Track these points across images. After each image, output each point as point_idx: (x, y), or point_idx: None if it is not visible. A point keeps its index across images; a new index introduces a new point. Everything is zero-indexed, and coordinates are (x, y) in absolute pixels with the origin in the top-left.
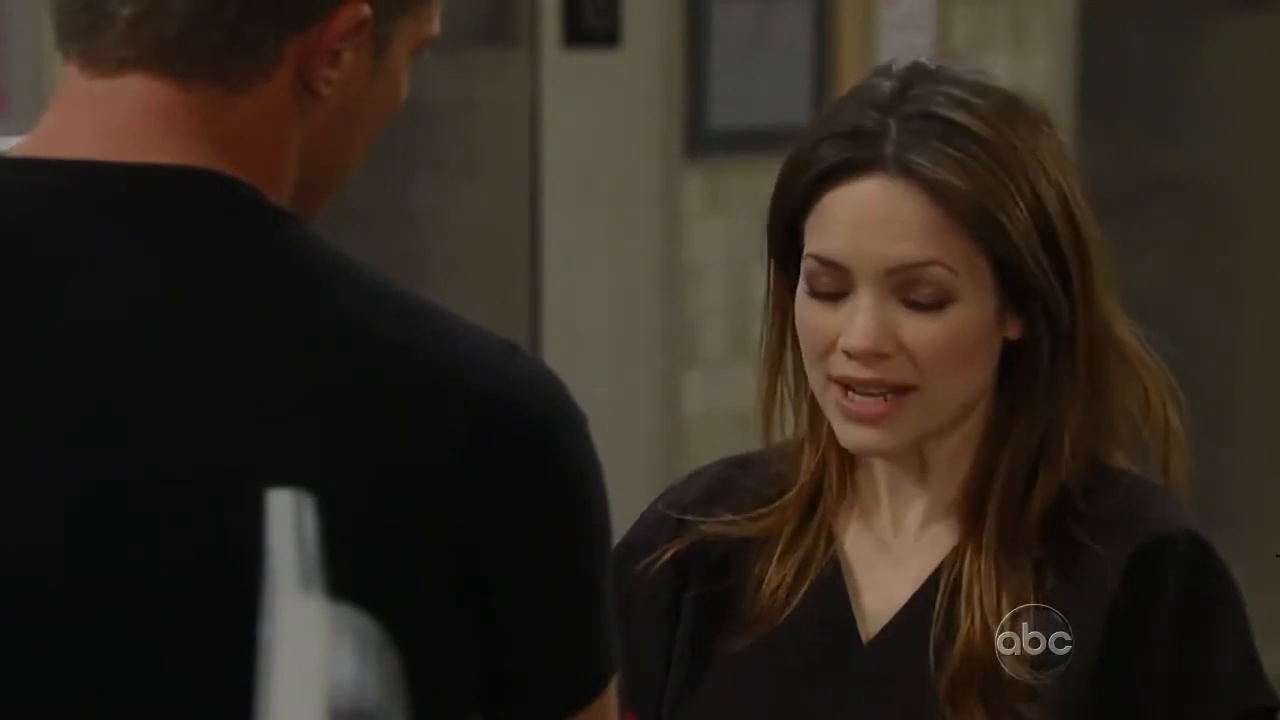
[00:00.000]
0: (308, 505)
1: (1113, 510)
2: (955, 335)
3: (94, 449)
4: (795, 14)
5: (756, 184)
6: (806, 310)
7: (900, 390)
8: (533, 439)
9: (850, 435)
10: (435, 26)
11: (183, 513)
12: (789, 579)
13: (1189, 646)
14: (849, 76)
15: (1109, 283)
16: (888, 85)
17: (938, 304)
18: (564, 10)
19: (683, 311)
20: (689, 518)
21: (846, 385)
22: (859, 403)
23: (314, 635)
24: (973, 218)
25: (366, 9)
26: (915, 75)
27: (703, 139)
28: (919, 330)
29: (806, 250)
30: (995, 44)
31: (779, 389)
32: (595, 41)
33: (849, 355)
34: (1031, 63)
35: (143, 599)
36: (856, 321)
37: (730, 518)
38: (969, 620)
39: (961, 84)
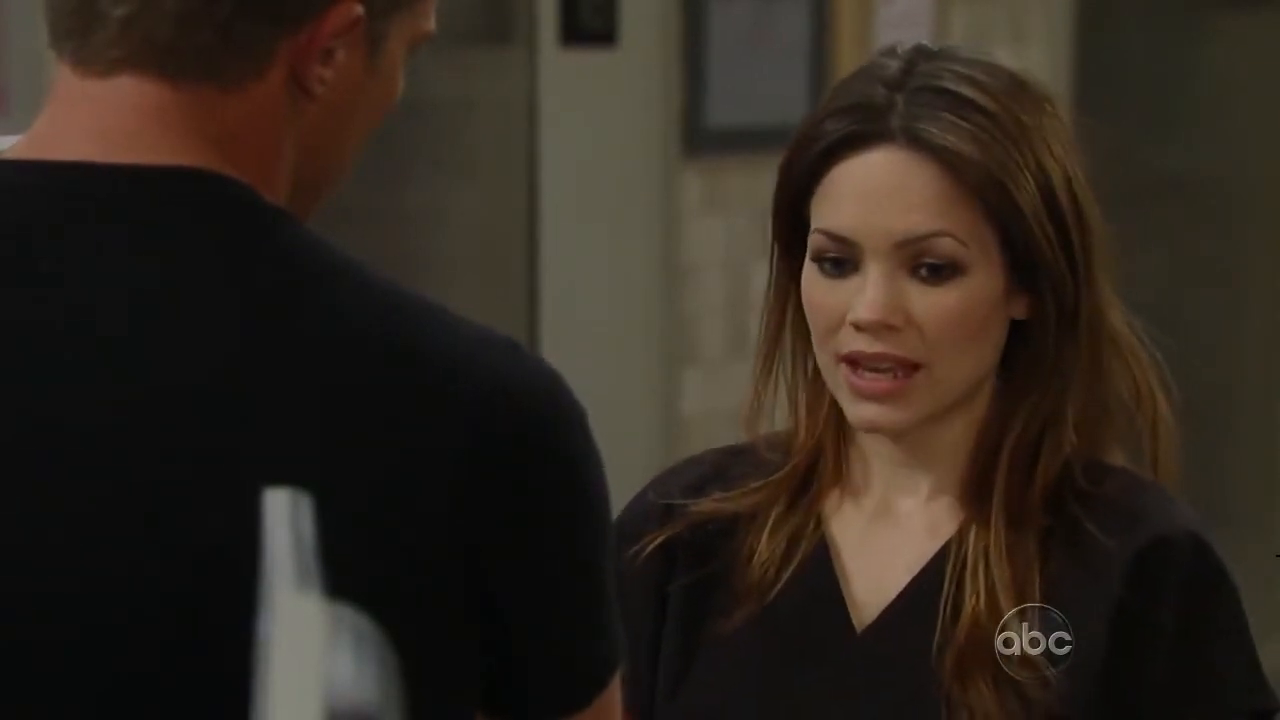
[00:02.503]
0: (304, 504)
1: (1112, 497)
2: (964, 309)
3: (93, 451)
4: (793, 12)
5: (755, 183)
6: (814, 288)
7: (908, 367)
8: (533, 438)
9: (859, 413)
10: (431, 23)
11: (181, 513)
12: (779, 553)
13: (1191, 650)
14: (847, 74)
15: (1108, 270)
16: (893, 64)
17: (947, 277)
18: (562, 9)
19: (681, 310)
20: (677, 502)
21: (855, 362)
22: (869, 379)
23: (311, 635)
24: (982, 187)
25: (359, 8)
26: (920, 55)
27: (700, 138)
28: (929, 303)
29: (814, 226)
30: (993, 42)
31: (774, 375)
32: (593, 40)
33: (858, 329)
34: (1030, 61)
35: (142, 599)
36: (866, 294)
37: (722, 494)
38: (974, 597)
39: (967, 62)
